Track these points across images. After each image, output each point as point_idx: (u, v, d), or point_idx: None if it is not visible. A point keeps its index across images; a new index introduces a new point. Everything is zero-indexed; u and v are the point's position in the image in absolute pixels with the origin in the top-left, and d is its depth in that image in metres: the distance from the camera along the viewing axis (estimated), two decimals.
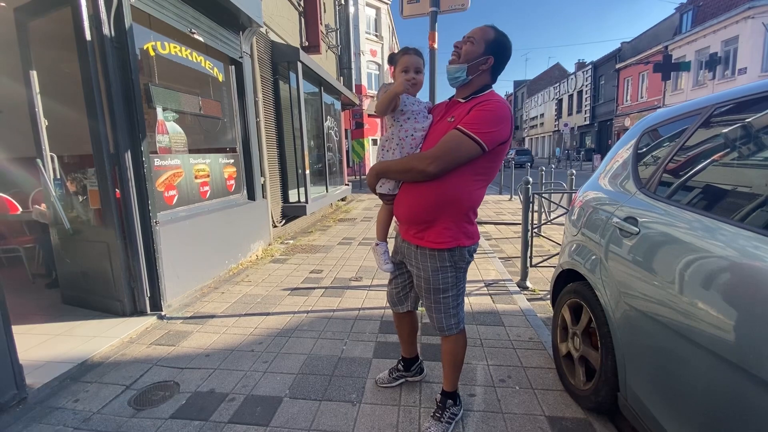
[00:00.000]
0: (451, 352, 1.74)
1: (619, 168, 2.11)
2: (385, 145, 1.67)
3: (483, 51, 1.52)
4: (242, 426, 1.84)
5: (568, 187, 5.80)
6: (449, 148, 1.43)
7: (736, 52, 17.46)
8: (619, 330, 1.63)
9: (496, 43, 1.52)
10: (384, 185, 1.67)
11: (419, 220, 1.57)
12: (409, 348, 2.08)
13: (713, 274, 1.22)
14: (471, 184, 1.52)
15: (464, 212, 1.56)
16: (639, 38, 26.08)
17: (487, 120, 1.42)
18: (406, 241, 1.69)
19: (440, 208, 1.52)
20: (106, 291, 3.07)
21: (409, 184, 1.57)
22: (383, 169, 1.61)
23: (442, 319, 1.67)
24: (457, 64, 1.53)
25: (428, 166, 1.44)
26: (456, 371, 1.79)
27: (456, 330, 1.70)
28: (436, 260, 1.58)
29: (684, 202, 1.52)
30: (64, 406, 2.02)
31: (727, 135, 1.51)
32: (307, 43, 7.54)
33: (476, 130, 1.40)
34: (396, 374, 2.11)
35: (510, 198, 10.56)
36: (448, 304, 1.65)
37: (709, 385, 1.17)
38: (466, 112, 1.46)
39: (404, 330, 2.03)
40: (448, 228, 1.54)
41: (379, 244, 1.86)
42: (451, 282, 1.62)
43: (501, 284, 3.74)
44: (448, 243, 1.55)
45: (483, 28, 1.54)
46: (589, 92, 31.25)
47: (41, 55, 3.08)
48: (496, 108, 1.44)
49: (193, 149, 3.94)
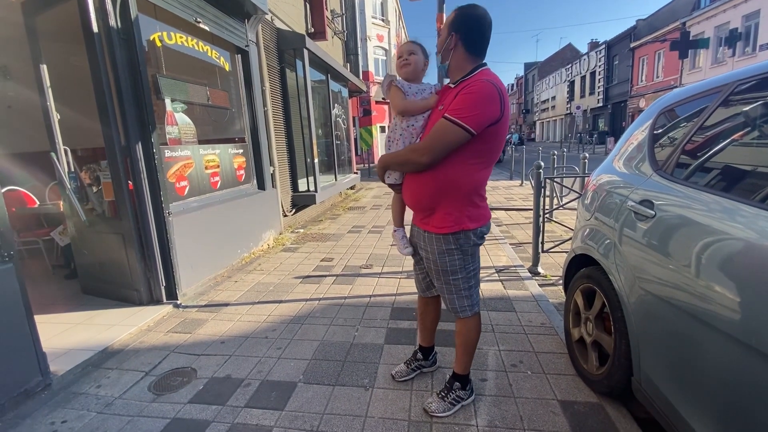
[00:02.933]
0: (463, 333, 1.77)
1: (635, 150, 2.05)
2: (390, 137, 1.72)
3: (447, 33, 1.56)
4: (258, 410, 1.88)
5: (581, 171, 5.69)
6: (437, 137, 1.47)
7: (757, 27, 16.72)
8: (634, 314, 1.61)
9: (457, 20, 1.53)
10: (391, 176, 1.73)
11: (423, 206, 1.63)
12: (428, 336, 2.08)
13: (732, 256, 1.19)
14: (468, 168, 1.53)
15: (465, 196, 1.57)
16: (655, 15, 25.11)
17: (470, 103, 1.42)
18: (416, 226, 1.76)
19: (440, 194, 1.56)
20: (123, 281, 3.14)
21: (411, 174, 1.63)
22: (386, 161, 1.69)
23: (455, 300, 1.70)
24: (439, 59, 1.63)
25: (421, 157, 1.51)
26: (466, 355, 1.80)
27: (470, 312, 1.72)
28: (441, 243, 1.62)
29: (702, 184, 1.47)
30: (87, 392, 2.09)
31: (749, 113, 1.45)
32: (312, 30, 7.45)
33: (460, 115, 1.41)
34: (415, 364, 2.09)
35: (521, 183, 10.43)
36: (458, 286, 1.68)
37: (725, 369, 1.15)
38: (453, 98, 1.48)
39: (428, 316, 2.02)
40: (449, 213, 1.58)
41: (396, 230, 1.93)
42: (459, 264, 1.64)
43: (512, 270, 3.73)
44: (450, 227, 1.59)
45: (450, 15, 1.58)
46: (602, 73, 30.40)
47: (50, 48, 3.10)
48: (480, 89, 1.43)
49: (202, 140, 3.96)
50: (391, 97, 1.68)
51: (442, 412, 1.78)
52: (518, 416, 1.78)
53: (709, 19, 19.34)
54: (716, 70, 18.50)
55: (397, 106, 1.65)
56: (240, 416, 1.85)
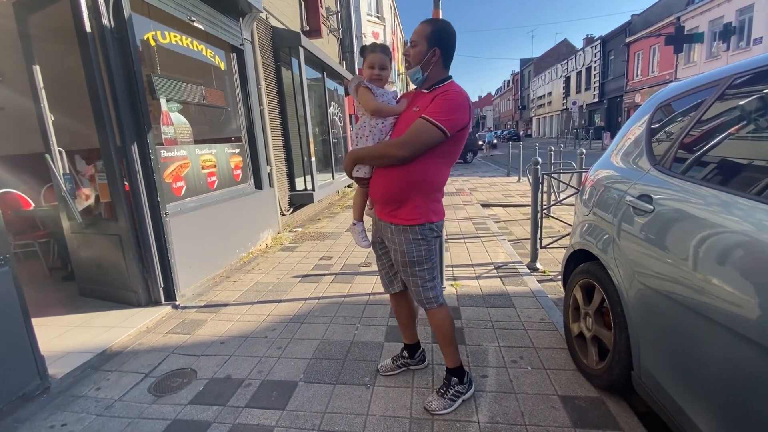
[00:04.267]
0: (438, 325, 1.83)
1: (632, 145, 2.06)
2: (359, 133, 1.79)
3: (427, 47, 1.66)
4: (259, 410, 1.88)
5: (578, 166, 5.71)
6: (416, 135, 1.57)
7: (751, 22, 16.80)
8: (633, 309, 1.61)
9: (436, 35, 1.66)
10: (360, 170, 1.79)
11: (392, 200, 1.71)
12: (409, 333, 2.12)
13: (730, 249, 1.19)
14: (436, 166, 1.67)
15: (432, 191, 1.72)
16: (650, 10, 25.18)
17: (447, 108, 1.57)
18: (381, 220, 1.81)
19: (410, 188, 1.67)
20: (121, 282, 3.12)
21: (382, 168, 1.71)
22: (359, 155, 1.74)
23: (421, 292, 1.78)
24: (411, 68, 1.69)
25: (399, 151, 1.59)
26: (449, 345, 1.85)
27: (436, 303, 1.80)
28: (408, 234, 1.71)
29: (700, 178, 1.47)
30: (86, 395, 2.08)
31: (746, 107, 1.45)
32: (308, 28, 7.41)
33: (439, 118, 1.55)
34: (400, 362, 2.13)
35: (518, 179, 10.44)
36: (424, 277, 1.77)
37: (725, 362, 1.16)
38: (430, 102, 1.61)
39: (402, 312, 2.08)
40: (417, 206, 1.69)
41: (356, 224, 2.02)
42: (424, 255, 1.74)
43: (511, 266, 3.73)
44: (418, 219, 1.69)
45: (421, 26, 1.68)
46: (598, 68, 30.45)
47: (43, 49, 3.07)
48: (456, 98, 1.59)
49: (198, 140, 3.93)
50: (362, 97, 1.75)
51: (442, 409, 1.79)
52: (519, 412, 1.79)
53: (703, 13, 19.39)
54: (711, 65, 18.57)
55: (371, 106, 1.73)
56: (241, 416, 1.84)
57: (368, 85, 1.77)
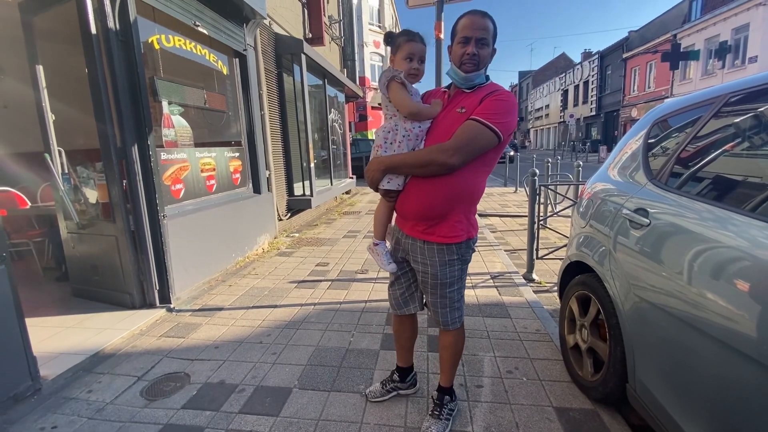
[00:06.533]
0: (453, 345, 1.72)
1: (629, 159, 2.08)
2: (388, 138, 1.54)
3: (492, 46, 1.50)
4: (253, 416, 1.87)
5: (575, 178, 5.75)
6: (470, 139, 1.39)
7: (746, 40, 17.10)
8: (629, 321, 1.62)
9: (496, 33, 1.49)
10: (392, 181, 1.55)
11: (432, 215, 1.51)
12: (406, 356, 1.96)
13: (725, 264, 1.21)
14: (480, 176, 1.52)
15: (474, 203, 1.57)
16: (647, 27, 25.59)
17: (502, 110, 1.42)
18: (410, 237, 1.62)
19: (454, 201, 1.49)
20: (116, 284, 3.10)
21: (420, 179, 1.50)
22: (395, 163, 1.50)
23: (447, 313, 1.64)
24: (478, 71, 1.48)
25: (450, 158, 1.39)
26: (456, 366, 1.79)
27: (459, 323, 1.69)
28: (444, 254, 1.54)
29: (695, 193, 1.50)
30: (77, 397, 2.05)
31: (741, 125, 1.48)
32: (310, 35, 7.48)
33: (494, 120, 1.39)
34: (390, 386, 1.97)
35: (515, 190, 10.50)
36: (453, 298, 1.63)
37: (719, 376, 1.17)
38: (478, 103, 1.43)
39: (405, 334, 1.91)
40: (460, 221, 1.53)
41: (378, 244, 1.74)
42: (457, 275, 1.60)
43: (507, 276, 3.74)
44: (460, 237, 1.53)
45: (485, 22, 1.45)
46: (595, 82, 30.83)
47: (47, 50, 3.08)
48: (509, 98, 1.45)
49: (198, 143, 3.94)
50: (397, 95, 1.50)
51: (443, 431, 1.72)
52: (514, 423, 1.78)
53: (699, 31, 19.74)
54: (706, 82, 18.86)
55: (409, 108, 1.49)
56: (234, 422, 1.83)
57: (404, 81, 1.51)
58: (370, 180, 1.60)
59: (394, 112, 1.56)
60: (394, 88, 1.51)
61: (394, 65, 1.56)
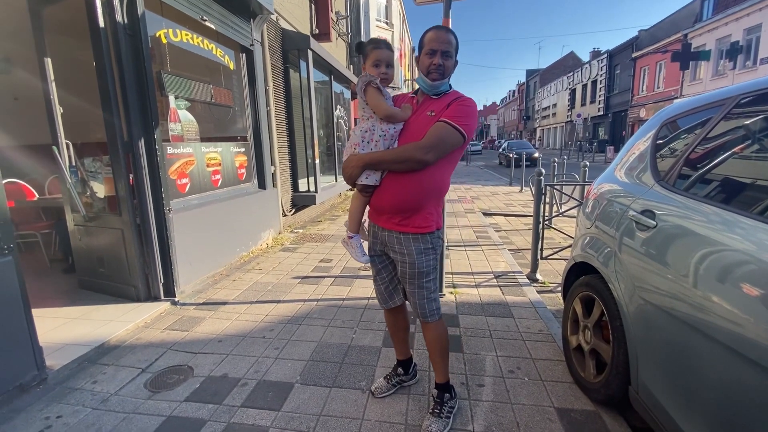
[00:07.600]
0: (437, 338, 1.78)
1: (636, 160, 2.06)
2: (365, 137, 1.64)
3: (455, 58, 1.68)
4: (255, 410, 1.88)
5: (581, 179, 5.71)
6: (441, 138, 1.55)
7: (758, 41, 16.83)
8: (633, 323, 1.61)
9: (458, 46, 1.67)
10: (371, 177, 1.65)
11: (406, 208, 1.64)
12: (404, 348, 2.03)
13: (731, 267, 1.19)
14: (447, 172, 1.69)
15: (441, 197, 1.74)
16: (657, 26, 25.27)
17: (467, 114, 1.59)
18: (386, 230, 1.72)
19: (426, 194, 1.64)
20: (121, 277, 3.13)
21: (396, 174, 1.62)
22: (374, 159, 1.61)
23: (425, 304, 1.74)
24: (443, 79, 1.65)
25: (426, 154, 1.54)
26: (445, 359, 1.82)
27: (438, 315, 1.77)
28: (419, 243, 1.67)
29: (703, 195, 1.48)
30: (82, 387, 2.08)
31: (751, 127, 1.46)
32: (317, 31, 7.47)
33: (461, 122, 1.56)
34: (395, 380, 2.02)
35: (520, 189, 10.45)
36: (429, 288, 1.73)
37: (724, 380, 1.16)
38: (446, 107, 1.60)
39: (399, 326, 1.99)
40: (430, 213, 1.67)
41: (353, 237, 1.86)
42: (432, 264, 1.71)
43: (511, 276, 3.73)
44: (430, 227, 1.67)
45: (450, 36, 1.63)
46: (603, 82, 30.52)
47: (55, 42, 3.10)
48: (472, 104, 1.63)
49: (204, 138, 3.96)
50: (373, 99, 1.63)
51: (444, 429, 1.73)
52: (515, 422, 1.78)
53: (710, 31, 19.46)
54: (717, 83, 18.62)
55: (384, 111, 1.62)
56: (236, 416, 1.84)
57: (379, 86, 1.64)
58: (347, 176, 1.71)
59: (371, 113, 1.67)
60: (371, 92, 1.64)
61: (365, 71, 1.70)
